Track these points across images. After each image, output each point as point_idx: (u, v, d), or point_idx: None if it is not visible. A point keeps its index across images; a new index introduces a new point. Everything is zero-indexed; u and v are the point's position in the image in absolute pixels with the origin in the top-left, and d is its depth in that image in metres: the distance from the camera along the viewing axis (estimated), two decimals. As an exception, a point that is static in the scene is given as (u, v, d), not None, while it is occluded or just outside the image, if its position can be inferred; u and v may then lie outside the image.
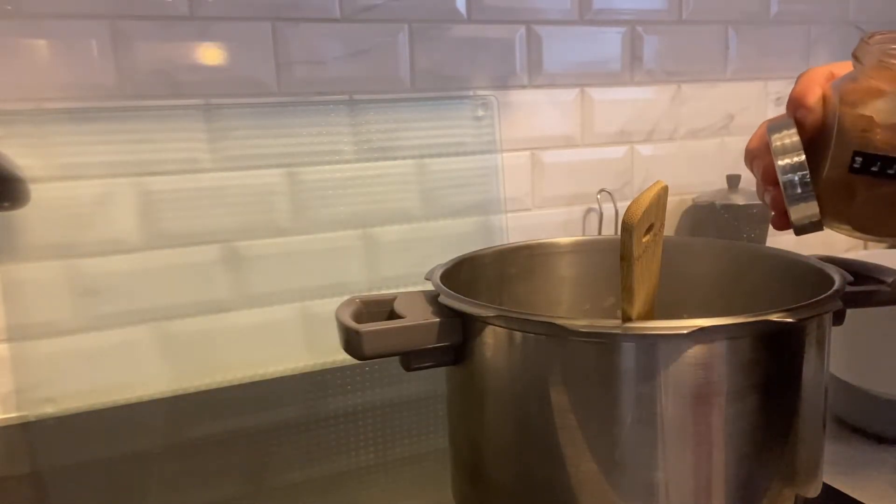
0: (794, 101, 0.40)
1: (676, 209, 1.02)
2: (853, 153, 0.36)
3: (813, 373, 0.42)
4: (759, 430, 0.40)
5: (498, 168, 0.90)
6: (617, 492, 0.39)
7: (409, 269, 0.85)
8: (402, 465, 0.61)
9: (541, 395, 0.40)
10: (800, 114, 0.39)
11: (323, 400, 0.76)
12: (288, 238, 0.80)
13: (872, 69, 0.36)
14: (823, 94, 0.39)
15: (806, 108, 0.39)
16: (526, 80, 0.91)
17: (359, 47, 0.81)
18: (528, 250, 0.57)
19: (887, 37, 0.37)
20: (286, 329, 0.81)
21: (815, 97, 0.39)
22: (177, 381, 0.76)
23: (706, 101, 1.02)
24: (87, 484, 0.61)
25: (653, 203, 0.37)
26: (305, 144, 0.79)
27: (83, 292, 0.72)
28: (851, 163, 0.36)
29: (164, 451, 0.66)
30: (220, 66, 0.76)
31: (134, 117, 0.73)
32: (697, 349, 0.37)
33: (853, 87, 0.37)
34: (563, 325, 0.37)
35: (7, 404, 0.71)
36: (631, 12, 0.95)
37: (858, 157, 0.36)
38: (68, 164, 0.71)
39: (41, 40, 0.69)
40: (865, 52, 0.37)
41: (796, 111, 0.40)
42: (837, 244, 1.16)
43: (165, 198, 0.74)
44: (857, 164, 0.36)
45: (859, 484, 0.54)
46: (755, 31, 1.03)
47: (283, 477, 0.60)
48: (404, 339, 0.42)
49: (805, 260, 0.50)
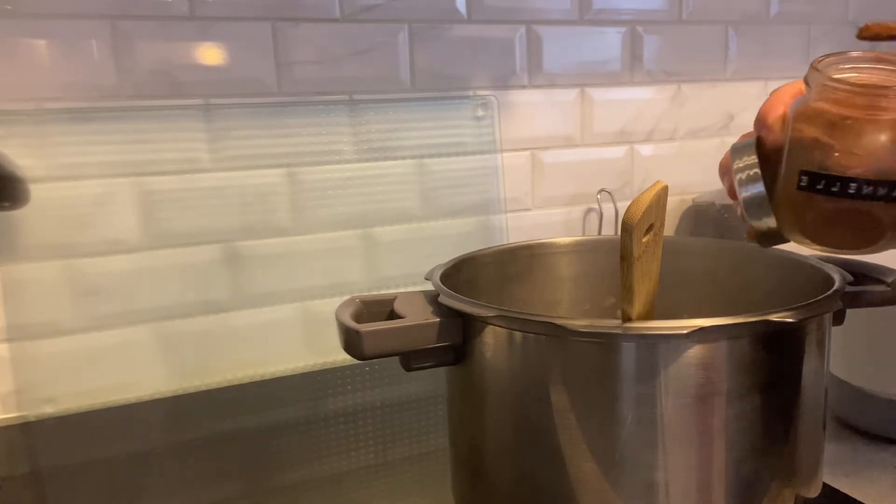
0: (757, 120, 0.41)
1: (676, 209, 1.02)
2: (799, 172, 0.37)
3: (813, 373, 0.42)
4: (759, 430, 0.40)
5: (498, 168, 0.90)
6: (617, 492, 0.39)
7: (409, 269, 0.85)
8: (402, 465, 0.61)
9: (541, 395, 0.40)
10: (762, 133, 0.40)
11: (323, 400, 0.76)
12: (288, 238, 0.80)
13: (818, 92, 0.38)
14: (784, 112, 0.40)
15: (766, 128, 0.40)
16: (526, 80, 0.91)
17: (359, 47, 0.81)
18: (528, 250, 0.57)
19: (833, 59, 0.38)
20: (286, 329, 0.81)
21: (775, 116, 0.40)
22: (177, 381, 0.76)
23: (706, 101, 1.02)
24: (87, 484, 0.61)
25: (653, 203, 0.37)
26: (305, 144, 0.79)
27: (83, 292, 0.72)
28: (798, 181, 0.37)
29: (164, 451, 0.66)
30: (220, 66, 0.76)
31: (134, 117, 0.73)
32: (697, 349, 0.37)
33: (803, 109, 0.38)
34: (563, 325, 0.37)
35: (7, 404, 0.71)
36: (631, 12, 0.95)
37: (804, 176, 0.37)
38: (68, 164, 0.71)
39: (41, 40, 0.69)
40: (813, 75, 0.38)
41: (759, 130, 0.41)
42: (837, 244, 1.16)
43: (165, 198, 0.74)
44: (803, 183, 0.37)
45: (859, 484, 0.54)
46: (755, 31, 1.03)
47: (283, 477, 0.60)
48: (404, 339, 0.42)
49: (805, 260, 0.50)
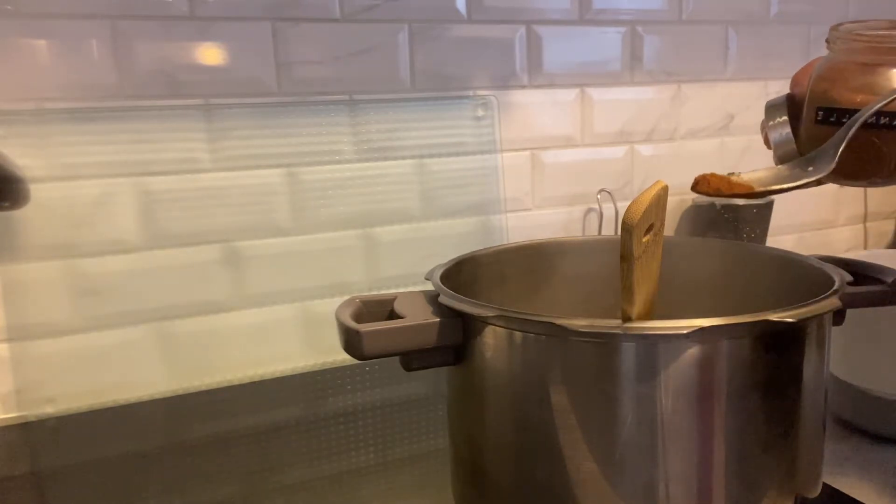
0: (792, 81, 0.50)
1: (676, 209, 1.02)
2: (816, 108, 0.46)
3: (813, 373, 0.42)
4: (759, 430, 0.40)
5: (498, 168, 0.90)
6: (617, 492, 0.39)
7: (409, 269, 0.85)
8: (402, 465, 0.61)
9: (541, 395, 0.40)
10: (794, 90, 0.49)
11: (323, 400, 0.76)
12: (288, 238, 0.80)
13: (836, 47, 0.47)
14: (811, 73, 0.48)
15: (797, 84, 0.49)
16: (526, 80, 0.91)
17: (359, 47, 0.81)
18: (528, 250, 0.57)
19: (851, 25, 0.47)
20: (286, 329, 0.81)
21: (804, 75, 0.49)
22: (177, 381, 0.76)
23: (706, 101, 1.02)
24: (87, 484, 0.61)
25: (653, 203, 0.37)
26: (305, 144, 0.79)
27: (83, 292, 0.72)
28: (816, 116, 0.45)
29: (163, 451, 0.66)
30: (220, 66, 0.76)
31: (134, 117, 0.73)
32: (697, 349, 0.37)
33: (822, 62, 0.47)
34: (563, 325, 0.37)
35: (7, 404, 0.71)
36: (631, 12, 0.95)
37: (820, 111, 0.45)
38: (68, 164, 0.71)
39: (41, 40, 0.69)
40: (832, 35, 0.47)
41: (792, 88, 0.50)
42: (837, 244, 1.16)
43: (165, 198, 0.74)
44: (819, 117, 0.45)
45: (859, 484, 0.54)
46: (755, 31, 1.03)
47: (283, 477, 0.60)
48: (404, 339, 0.42)
49: (805, 260, 0.50)
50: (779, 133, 0.48)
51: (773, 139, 0.49)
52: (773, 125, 0.49)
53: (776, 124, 0.49)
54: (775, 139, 0.48)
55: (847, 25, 0.46)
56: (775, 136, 0.48)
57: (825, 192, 0.79)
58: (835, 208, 1.15)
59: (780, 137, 0.48)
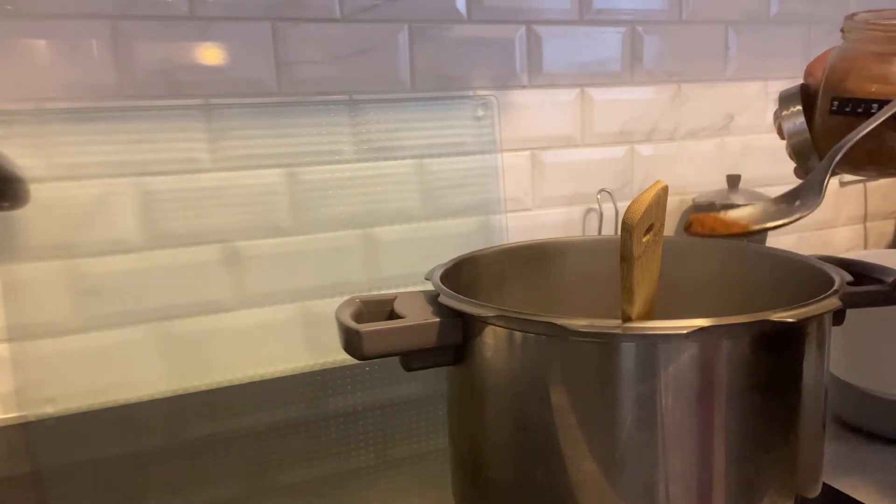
0: (806, 71, 0.50)
1: (676, 209, 1.02)
2: (831, 98, 0.46)
3: (813, 373, 0.42)
4: (759, 430, 0.40)
5: (498, 168, 0.90)
6: (617, 492, 0.39)
7: (409, 269, 0.85)
8: (402, 465, 0.61)
9: (541, 395, 0.40)
10: (808, 80, 0.49)
11: (323, 400, 0.76)
12: (288, 238, 0.80)
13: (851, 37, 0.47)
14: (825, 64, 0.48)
15: (810, 75, 0.49)
16: (526, 80, 0.91)
17: (359, 47, 0.81)
18: (528, 250, 0.57)
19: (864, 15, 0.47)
20: (286, 329, 0.81)
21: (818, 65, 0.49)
22: (177, 381, 0.76)
23: (706, 101, 1.02)
24: (87, 484, 0.61)
25: (653, 203, 0.37)
26: (305, 144, 0.79)
27: (83, 292, 0.72)
28: (830, 106, 0.46)
29: (163, 451, 0.66)
30: (220, 66, 0.76)
31: (134, 117, 0.73)
32: (697, 349, 0.37)
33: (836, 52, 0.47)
34: (563, 325, 0.37)
35: (7, 404, 0.71)
36: (631, 12, 0.95)
37: (835, 101, 0.45)
38: (68, 164, 0.71)
39: (41, 40, 0.69)
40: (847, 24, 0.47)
41: (805, 78, 0.50)
42: (837, 244, 1.16)
43: (165, 198, 0.74)
44: (834, 107, 0.45)
45: (859, 484, 0.54)
46: (755, 31, 1.03)
47: (283, 477, 0.60)
48: (404, 339, 0.42)
49: (805, 260, 0.50)
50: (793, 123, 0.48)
51: (786, 129, 0.49)
52: (787, 115, 0.49)
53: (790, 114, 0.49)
54: (789, 129, 0.48)
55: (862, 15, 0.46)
56: (789, 126, 0.48)
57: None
58: (835, 208, 1.15)
59: (794, 127, 0.48)
